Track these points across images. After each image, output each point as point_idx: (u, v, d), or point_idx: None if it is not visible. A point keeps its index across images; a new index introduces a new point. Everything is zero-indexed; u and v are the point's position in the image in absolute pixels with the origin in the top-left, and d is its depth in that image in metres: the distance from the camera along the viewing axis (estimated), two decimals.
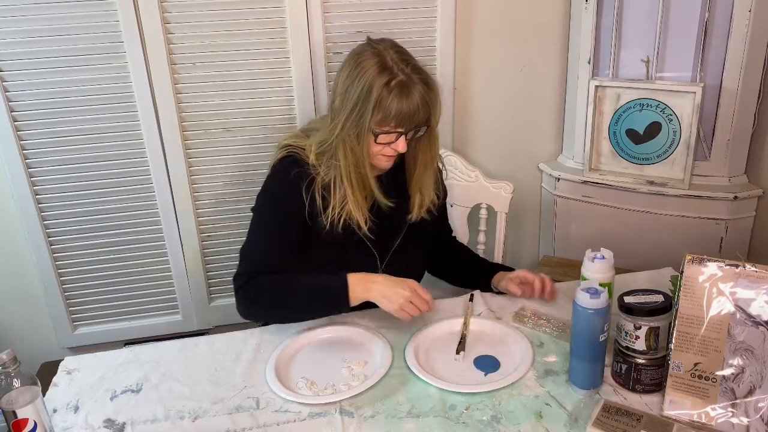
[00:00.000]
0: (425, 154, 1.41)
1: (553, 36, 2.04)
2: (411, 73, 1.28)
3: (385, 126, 1.29)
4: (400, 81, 1.27)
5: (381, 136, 1.31)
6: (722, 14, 1.78)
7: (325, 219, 1.36)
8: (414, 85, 1.28)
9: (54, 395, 1.24)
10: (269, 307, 1.37)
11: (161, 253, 2.01)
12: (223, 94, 1.85)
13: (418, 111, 1.28)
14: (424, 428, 1.10)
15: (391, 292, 1.27)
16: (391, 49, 1.31)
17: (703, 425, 1.07)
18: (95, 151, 1.85)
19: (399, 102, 1.26)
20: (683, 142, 1.89)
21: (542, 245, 2.30)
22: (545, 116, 2.14)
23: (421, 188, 1.43)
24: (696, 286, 1.09)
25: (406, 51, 1.34)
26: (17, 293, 2.01)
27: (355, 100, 1.28)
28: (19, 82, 1.74)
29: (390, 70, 1.27)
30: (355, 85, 1.29)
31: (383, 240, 1.44)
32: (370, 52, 1.31)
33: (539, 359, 1.26)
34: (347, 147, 1.33)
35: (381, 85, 1.26)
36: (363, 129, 1.29)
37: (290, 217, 1.38)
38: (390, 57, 1.29)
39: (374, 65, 1.28)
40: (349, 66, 1.32)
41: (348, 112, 1.30)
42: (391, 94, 1.26)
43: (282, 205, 1.38)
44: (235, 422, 1.14)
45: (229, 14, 1.77)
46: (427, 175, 1.43)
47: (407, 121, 1.29)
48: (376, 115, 1.28)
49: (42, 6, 1.69)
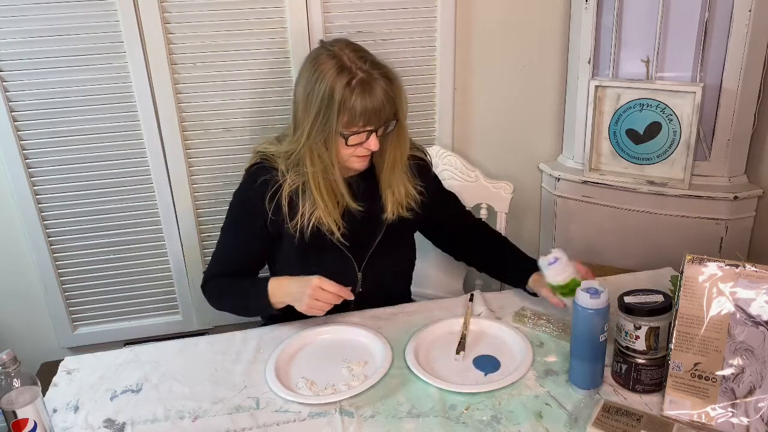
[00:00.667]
0: (394, 151, 1.38)
1: (553, 36, 2.04)
2: (370, 69, 1.26)
3: (354, 127, 1.28)
4: (360, 79, 1.25)
5: (351, 137, 1.29)
6: (722, 14, 1.78)
7: (293, 227, 1.36)
8: (375, 81, 1.26)
9: (54, 395, 1.24)
10: (224, 308, 1.48)
11: (161, 253, 2.01)
12: (223, 94, 1.85)
13: (383, 107, 1.27)
14: (424, 428, 1.10)
15: (298, 293, 1.28)
16: (347, 48, 1.29)
17: (703, 425, 1.07)
18: (95, 151, 1.85)
19: (363, 100, 1.25)
20: (683, 142, 1.89)
21: (542, 245, 2.30)
22: (545, 116, 2.14)
23: (392, 186, 1.41)
24: (696, 286, 1.09)
25: (362, 48, 1.32)
26: (17, 293, 2.01)
27: (318, 106, 1.27)
28: (19, 82, 1.75)
29: (349, 69, 1.26)
30: (315, 90, 1.27)
31: (360, 243, 1.43)
32: (326, 54, 1.29)
33: (539, 359, 1.26)
34: (315, 154, 1.31)
35: (342, 86, 1.24)
36: (330, 134, 1.28)
37: (251, 226, 1.40)
38: (347, 56, 1.27)
39: (332, 67, 1.26)
40: (307, 71, 1.30)
41: (312, 118, 1.28)
42: (353, 93, 1.24)
43: (245, 212, 1.41)
44: (235, 422, 1.14)
45: (229, 14, 1.77)
46: (396, 173, 1.40)
47: (374, 119, 1.28)
48: (342, 117, 1.26)
49: (42, 6, 1.69)
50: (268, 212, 1.37)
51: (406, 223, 1.45)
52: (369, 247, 1.44)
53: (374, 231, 1.44)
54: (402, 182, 1.41)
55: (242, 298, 1.42)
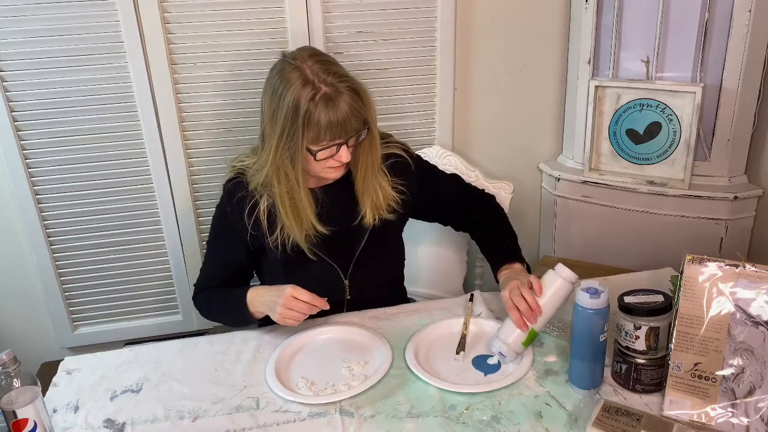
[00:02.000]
0: (366, 158, 1.35)
1: (553, 36, 2.04)
2: (335, 81, 1.23)
3: (321, 142, 1.25)
4: (324, 93, 1.21)
5: (319, 152, 1.26)
6: (722, 14, 1.78)
7: (272, 241, 1.35)
8: (340, 96, 1.22)
9: (54, 395, 1.24)
10: (215, 320, 1.48)
11: (161, 253, 2.01)
12: (224, 94, 1.85)
13: (348, 120, 1.23)
14: (424, 428, 1.10)
15: (273, 304, 1.26)
16: (310, 60, 1.25)
17: (703, 425, 1.07)
18: (95, 151, 1.85)
19: (326, 115, 1.21)
20: (683, 142, 1.89)
21: (542, 245, 2.30)
22: (545, 116, 2.14)
23: (368, 192, 1.37)
24: (696, 286, 1.09)
25: (327, 57, 1.29)
26: (17, 293, 2.01)
27: (282, 123, 1.23)
28: (19, 82, 1.74)
29: (312, 83, 1.22)
30: (279, 106, 1.23)
31: (343, 251, 1.41)
32: (289, 68, 1.24)
33: (539, 359, 1.26)
34: (281, 172, 1.29)
35: (306, 100, 1.21)
36: (296, 151, 1.25)
37: (233, 240, 1.41)
38: (310, 69, 1.23)
39: (296, 81, 1.22)
40: (271, 87, 1.27)
41: (278, 136, 1.25)
42: (317, 108, 1.21)
43: (226, 228, 1.41)
44: (235, 422, 1.14)
45: (230, 14, 1.77)
46: (370, 179, 1.37)
47: (341, 132, 1.24)
48: (308, 133, 1.23)
49: (42, 6, 1.69)
50: (248, 228, 1.36)
51: (389, 224, 1.43)
52: (353, 254, 1.43)
53: (356, 238, 1.42)
54: (378, 186, 1.38)
55: (226, 309, 1.42)
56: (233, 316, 1.41)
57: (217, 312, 1.46)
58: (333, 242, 1.38)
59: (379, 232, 1.42)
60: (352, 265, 1.43)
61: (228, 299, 1.40)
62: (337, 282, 1.43)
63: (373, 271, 1.46)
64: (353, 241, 1.42)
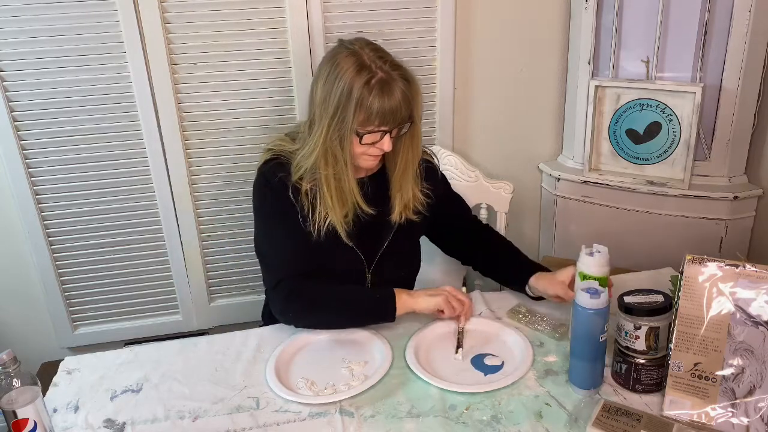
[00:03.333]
0: (407, 153, 1.37)
1: (553, 36, 2.04)
2: (390, 70, 1.26)
3: (369, 126, 1.27)
4: (380, 79, 1.25)
5: (366, 136, 1.28)
6: (722, 14, 1.78)
7: (312, 225, 1.35)
8: (394, 82, 1.26)
9: (54, 395, 1.24)
10: (322, 317, 1.36)
11: (161, 253, 2.01)
12: (224, 94, 1.85)
13: (400, 108, 1.26)
14: (424, 428, 1.10)
15: (434, 292, 1.34)
16: (367, 47, 1.29)
17: (703, 425, 1.07)
18: (95, 151, 1.85)
19: (380, 100, 1.24)
20: (683, 142, 1.89)
21: (542, 245, 2.30)
22: (545, 116, 2.14)
23: (402, 189, 1.40)
24: (696, 286, 1.09)
25: (382, 48, 1.31)
26: (17, 293, 2.01)
27: (335, 105, 1.26)
28: (19, 82, 1.74)
29: (368, 68, 1.25)
30: (334, 89, 1.26)
31: (370, 244, 1.42)
32: (346, 52, 1.28)
33: (539, 359, 1.26)
34: (329, 155, 1.30)
35: (361, 84, 1.24)
36: (346, 132, 1.27)
37: (288, 215, 1.36)
38: (367, 55, 1.27)
39: (352, 65, 1.25)
40: (326, 70, 1.29)
41: (330, 117, 1.27)
42: (371, 92, 1.24)
43: (282, 204, 1.36)
44: (235, 422, 1.14)
45: (230, 14, 1.77)
46: (407, 176, 1.40)
47: (390, 119, 1.27)
48: (358, 115, 1.25)
49: (42, 6, 1.69)
50: (296, 206, 1.35)
51: (414, 225, 1.46)
52: (379, 248, 1.44)
53: (384, 232, 1.44)
54: (411, 185, 1.41)
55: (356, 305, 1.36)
56: (367, 312, 1.35)
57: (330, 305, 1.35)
58: (362, 233, 1.39)
59: (404, 230, 1.45)
60: (377, 258, 1.44)
61: (361, 295, 1.38)
62: (360, 273, 1.44)
63: (393, 268, 1.47)
64: (381, 235, 1.44)
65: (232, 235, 2.02)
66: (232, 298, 2.11)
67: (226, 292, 2.10)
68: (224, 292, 2.10)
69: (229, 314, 2.11)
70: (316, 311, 1.35)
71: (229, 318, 2.11)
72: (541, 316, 1.39)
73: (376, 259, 1.44)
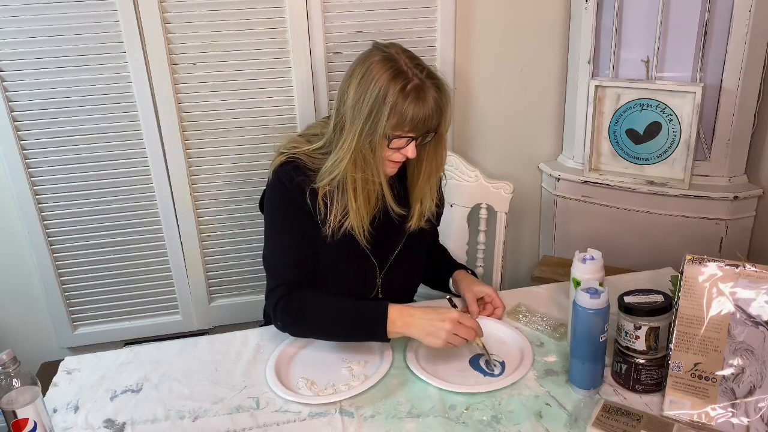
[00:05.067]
0: (431, 162, 1.37)
1: (553, 36, 2.04)
2: (425, 78, 1.26)
3: (399, 131, 1.26)
4: (415, 85, 1.24)
5: (394, 141, 1.27)
6: (722, 14, 1.78)
7: (327, 228, 1.33)
8: (428, 90, 1.25)
9: (54, 395, 1.24)
10: (309, 329, 1.33)
11: (161, 253, 2.01)
12: (224, 94, 1.85)
13: (432, 116, 1.26)
14: (424, 428, 1.10)
15: (434, 328, 1.22)
16: (404, 54, 1.29)
17: (703, 425, 1.07)
18: (95, 151, 1.85)
19: (415, 107, 1.23)
20: (683, 142, 1.89)
21: (542, 245, 2.30)
22: (545, 116, 2.14)
23: (423, 197, 1.40)
24: (696, 286, 1.09)
25: (417, 56, 1.31)
26: (17, 293, 2.01)
27: (369, 108, 1.24)
28: (19, 82, 1.75)
29: (405, 74, 1.24)
30: (368, 93, 1.25)
31: (383, 249, 1.42)
32: (381, 57, 1.27)
33: (539, 359, 1.26)
34: (359, 157, 1.28)
35: (396, 90, 1.23)
36: (377, 135, 1.26)
37: (304, 218, 1.34)
38: (403, 61, 1.26)
39: (388, 70, 1.24)
40: (360, 73, 1.28)
41: (363, 120, 1.25)
42: (407, 99, 1.23)
43: (294, 207, 1.34)
44: (235, 422, 1.14)
45: (229, 14, 1.77)
46: (430, 185, 1.40)
47: (421, 126, 1.26)
48: (391, 119, 1.24)
49: (42, 6, 1.69)
50: (312, 211, 1.33)
51: (424, 233, 1.46)
52: (391, 253, 1.43)
53: (397, 238, 1.43)
54: (432, 195, 1.41)
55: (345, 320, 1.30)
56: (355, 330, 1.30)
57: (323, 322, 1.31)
58: (376, 238, 1.38)
59: (414, 237, 1.44)
60: (388, 264, 1.44)
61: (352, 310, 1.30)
62: (371, 279, 1.43)
63: (402, 275, 1.47)
64: (394, 241, 1.43)
65: (232, 235, 2.02)
66: (232, 298, 2.12)
67: (226, 292, 2.11)
68: (224, 292, 2.10)
69: (229, 314, 2.11)
70: (303, 323, 1.32)
71: (229, 318, 2.11)
72: (541, 316, 1.39)
73: (388, 265, 1.44)
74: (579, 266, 1.25)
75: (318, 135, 1.38)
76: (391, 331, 1.25)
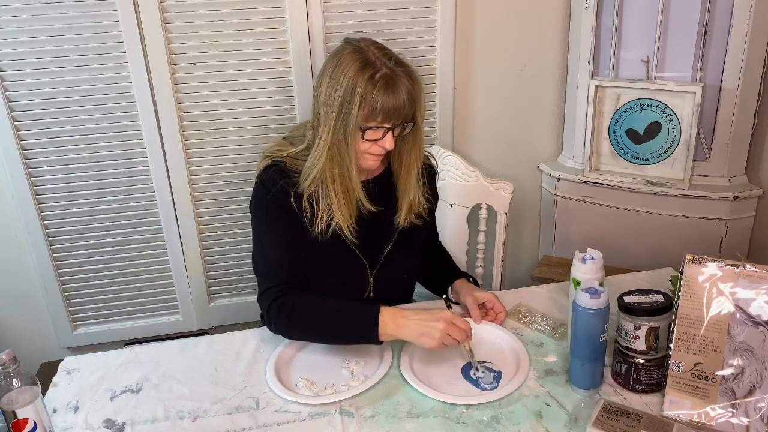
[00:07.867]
0: (410, 154, 1.37)
1: (553, 36, 2.04)
2: (394, 66, 1.26)
3: (372, 121, 1.27)
4: (384, 74, 1.24)
5: (368, 132, 1.27)
6: (722, 14, 1.78)
7: (316, 228, 1.34)
8: (399, 78, 1.26)
9: (54, 395, 1.24)
10: (301, 331, 1.32)
11: (161, 253, 2.01)
12: (224, 94, 1.85)
13: (404, 105, 1.26)
14: (424, 428, 1.10)
15: (427, 328, 1.21)
16: (372, 46, 1.29)
17: (703, 425, 1.07)
18: (95, 151, 1.85)
19: (385, 95, 1.24)
20: (683, 142, 1.89)
21: (542, 245, 2.30)
22: (545, 116, 2.14)
23: (408, 191, 1.40)
24: (696, 286, 1.09)
25: (386, 47, 1.32)
26: (17, 293, 2.01)
27: (340, 101, 1.25)
28: (19, 82, 1.75)
29: (373, 64, 1.25)
30: (338, 86, 1.26)
31: (373, 247, 1.42)
32: (351, 49, 1.28)
33: (539, 359, 1.26)
34: (335, 151, 1.29)
35: (365, 79, 1.23)
36: (350, 127, 1.26)
37: (292, 224, 1.34)
38: (372, 52, 1.27)
39: (356, 61, 1.25)
40: (330, 68, 1.29)
41: (335, 114, 1.26)
42: (376, 87, 1.23)
43: (279, 210, 1.34)
44: (235, 422, 1.14)
45: (229, 14, 1.77)
46: (411, 178, 1.39)
47: (394, 115, 1.26)
48: (362, 110, 1.25)
49: (42, 6, 1.69)
50: (298, 212, 1.33)
51: (415, 229, 1.45)
52: (382, 251, 1.43)
53: (387, 236, 1.43)
54: (417, 188, 1.41)
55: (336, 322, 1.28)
56: (346, 333, 1.28)
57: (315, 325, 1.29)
58: (366, 236, 1.38)
59: (406, 234, 1.44)
60: (379, 263, 1.43)
61: (343, 314, 1.28)
62: (363, 279, 1.43)
63: (395, 273, 1.47)
64: (384, 239, 1.43)
65: (232, 235, 2.02)
66: (232, 298, 2.12)
67: (226, 292, 2.11)
68: (224, 292, 2.11)
69: (229, 314, 2.11)
70: (296, 325, 1.30)
71: (229, 318, 2.11)
72: (541, 316, 1.39)
73: (380, 263, 1.44)
74: (579, 266, 1.25)
75: (302, 137, 1.39)
76: (382, 333, 1.24)
